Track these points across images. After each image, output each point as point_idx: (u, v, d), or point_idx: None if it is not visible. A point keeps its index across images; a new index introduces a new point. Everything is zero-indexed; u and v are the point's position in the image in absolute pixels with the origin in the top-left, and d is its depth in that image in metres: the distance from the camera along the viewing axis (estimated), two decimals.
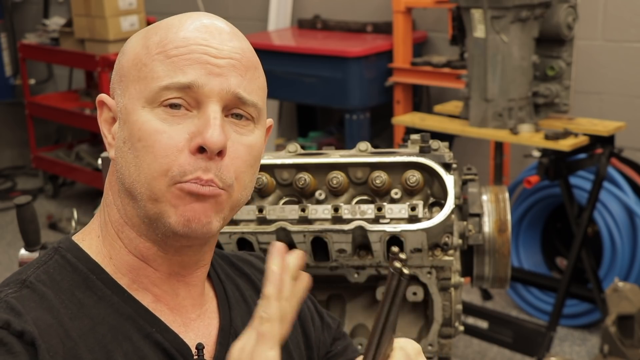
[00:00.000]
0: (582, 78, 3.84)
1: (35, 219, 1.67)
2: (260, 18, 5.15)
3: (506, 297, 4.04)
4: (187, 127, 1.02)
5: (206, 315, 1.14)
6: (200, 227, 1.03)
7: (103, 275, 1.06)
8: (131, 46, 1.09)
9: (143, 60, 1.05)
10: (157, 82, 1.02)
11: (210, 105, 1.02)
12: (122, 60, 1.09)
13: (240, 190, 1.06)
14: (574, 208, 3.41)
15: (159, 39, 1.05)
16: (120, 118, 1.06)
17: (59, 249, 1.08)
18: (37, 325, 0.96)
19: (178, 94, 1.02)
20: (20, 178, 6.00)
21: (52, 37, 5.27)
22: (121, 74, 1.08)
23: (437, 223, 1.42)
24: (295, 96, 4.57)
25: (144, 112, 1.03)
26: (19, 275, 1.04)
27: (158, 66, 1.03)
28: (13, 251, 4.60)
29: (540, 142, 3.15)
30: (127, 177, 1.04)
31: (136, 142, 1.02)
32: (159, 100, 1.02)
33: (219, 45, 1.04)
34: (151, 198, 1.03)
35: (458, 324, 1.58)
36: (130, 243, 1.07)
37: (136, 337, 1.04)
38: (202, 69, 1.02)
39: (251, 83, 1.07)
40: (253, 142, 1.07)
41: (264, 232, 1.46)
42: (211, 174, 1.02)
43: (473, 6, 3.12)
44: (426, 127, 3.34)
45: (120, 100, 1.07)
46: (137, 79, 1.04)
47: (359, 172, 1.51)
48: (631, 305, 3.03)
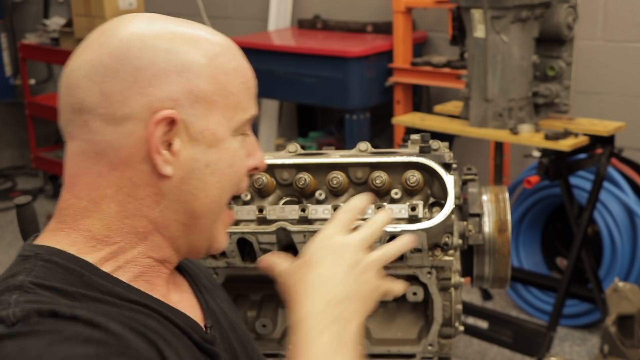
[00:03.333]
0: (582, 78, 3.84)
1: (36, 219, 1.66)
2: (260, 18, 5.15)
3: (506, 297, 4.04)
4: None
5: (184, 297, 1.18)
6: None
7: (97, 271, 1.03)
8: (199, 65, 1.04)
9: (228, 89, 1.07)
10: (246, 114, 1.10)
11: (250, 129, 1.13)
12: (190, 78, 1.03)
13: None
14: (574, 208, 3.41)
15: (234, 66, 1.09)
16: (200, 140, 1.05)
17: (38, 255, 1.02)
18: (81, 308, 0.95)
19: None
20: (20, 178, 6.01)
21: (52, 37, 5.27)
22: (195, 94, 1.03)
23: (437, 223, 1.42)
24: (295, 96, 4.57)
25: (233, 140, 1.09)
26: (7, 284, 0.97)
27: (244, 97, 1.10)
28: (13, 251, 4.60)
29: (540, 142, 3.15)
30: (204, 198, 1.07)
31: (226, 167, 1.08)
32: (241, 130, 1.10)
33: (252, 72, 1.14)
34: (212, 220, 1.11)
35: (458, 324, 1.58)
36: (134, 260, 1.07)
37: (150, 319, 1.04)
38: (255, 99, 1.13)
39: None
40: None
41: (264, 232, 1.46)
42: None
43: (473, 6, 3.12)
44: (426, 127, 3.34)
45: (198, 122, 1.04)
46: (226, 107, 1.07)
47: (359, 172, 1.51)
48: (631, 305, 3.04)
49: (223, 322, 1.22)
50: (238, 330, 1.27)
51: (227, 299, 1.35)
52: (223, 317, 1.23)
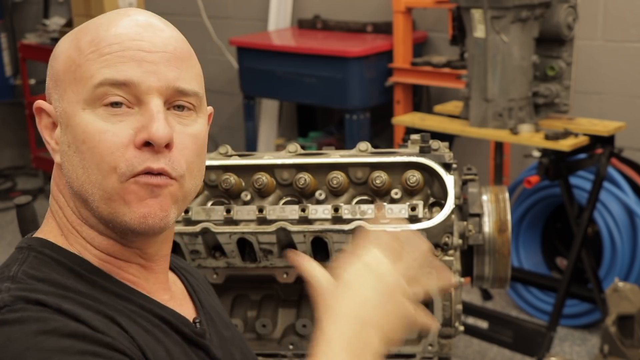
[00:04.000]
0: (582, 78, 3.84)
1: (36, 219, 1.66)
2: (260, 18, 5.14)
3: (506, 297, 4.04)
4: (130, 124, 1.02)
5: (176, 297, 1.18)
6: (158, 221, 1.03)
7: (86, 265, 1.06)
8: (62, 49, 1.08)
9: (77, 62, 1.04)
10: (92, 80, 1.02)
11: (151, 100, 1.02)
12: (54, 64, 1.08)
13: (191, 179, 1.07)
14: (574, 208, 3.41)
15: (90, 38, 1.04)
16: (62, 122, 1.06)
17: (31, 247, 1.07)
18: (68, 302, 0.95)
19: (116, 91, 1.02)
20: (21, 178, 6.00)
21: (52, 37, 5.27)
22: (56, 78, 1.07)
23: (437, 223, 1.42)
24: (295, 96, 4.57)
25: (85, 114, 1.02)
26: (1, 274, 1.01)
27: (92, 65, 1.03)
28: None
29: (540, 142, 3.15)
30: (75, 180, 1.04)
31: (81, 144, 1.02)
32: (97, 99, 1.02)
33: (151, 39, 1.04)
34: (104, 197, 1.03)
35: (458, 324, 1.58)
36: (93, 240, 1.07)
37: (139, 314, 1.05)
38: (137, 66, 1.02)
39: (188, 73, 1.07)
40: (197, 131, 1.08)
41: (264, 232, 1.46)
42: (161, 164, 1.02)
43: (473, 6, 3.12)
44: (426, 127, 3.34)
45: (59, 105, 1.06)
46: (73, 81, 1.04)
47: (359, 172, 1.51)
48: (631, 305, 3.03)
49: (217, 321, 1.22)
50: (233, 330, 1.27)
51: (219, 302, 1.35)
52: (217, 316, 1.24)
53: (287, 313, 1.63)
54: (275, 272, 1.56)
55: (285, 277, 1.57)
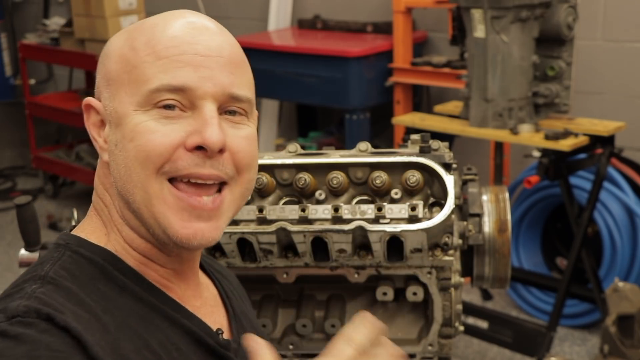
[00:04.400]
0: (582, 78, 3.84)
1: (36, 219, 1.67)
2: (260, 18, 5.14)
3: (506, 297, 4.04)
4: (183, 127, 1.01)
5: (207, 303, 1.17)
6: (206, 241, 1.04)
7: (120, 265, 1.06)
8: (115, 48, 1.07)
9: (132, 63, 1.03)
10: (148, 85, 1.01)
11: (206, 105, 1.02)
12: (107, 63, 1.07)
13: (246, 182, 1.07)
14: (574, 208, 3.41)
15: (146, 39, 1.04)
16: (111, 122, 1.05)
17: (68, 245, 1.06)
18: (78, 321, 0.95)
19: (171, 95, 1.01)
20: (21, 178, 6.00)
21: (52, 37, 5.28)
22: (108, 77, 1.06)
23: (437, 223, 1.42)
24: (295, 96, 4.57)
25: (137, 115, 1.02)
26: (35, 272, 1.02)
27: (149, 68, 1.02)
28: (13, 251, 4.60)
29: (540, 142, 3.15)
30: (119, 179, 1.04)
31: (128, 142, 1.01)
32: (152, 102, 1.01)
33: (207, 43, 1.03)
34: (145, 200, 1.02)
35: (458, 324, 1.58)
36: (133, 242, 1.08)
37: (164, 325, 1.04)
38: (194, 71, 1.02)
39: (242, 79, 1.07)
40: (250, 134, 1.08)
41: (264, 232, 1.46)
42: (212, 169, 1.02)
43: (473, 6, 3.12)
44: (426, 127, 3.34)
45: (109, 104, 1.05)
46: (128, 82, 1.03)
47: (359, 172, 1.51)
48: (631, 305, 3.04)
49: (248, 329, 1.22)
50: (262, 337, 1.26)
51: (250, 303, 1.35)
52: (248, 323, 1.24)
53: (287, 313, 1.63)
54: (275, 272, 1.56)
55: (285, 277, 1.57)
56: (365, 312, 0.97)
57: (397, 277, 1.57)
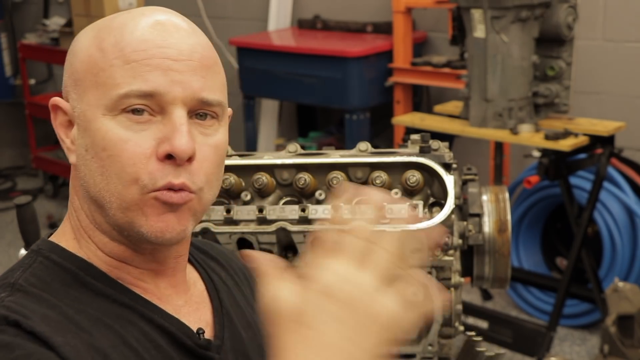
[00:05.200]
0: (582, 78, 3.84)
1: (35, 219, 1.67)
2: (260, 18, 5.14)
3: (506, 297, 4.04)
4: (152, 133, 0.99)
5: (192, 300, 1.15)
6: (175, 235, 1.02)
7: (92, 271, 1.04)
8: (83, 46, 1.04)
9: (99, 65, 1.01)
10: (117, 90, 0.99)
11: (175, 111, 1.00)
12: (74, 62, 1.05)
13: (210, 191, 1.05)
14: (574, 208, 3.41)
15: (115, 40, 1.01)
16: (79, 124, 1.03)
17: (40, 251, 1.05)
18: (47, 323, 0.94)
19: (140, 100, 0.99)
20: (20, 178, 6.00)
21: (52, 37, 5.27)
22: (75, 77, 1.04)
23: (437, 223, 1.42)
24: (295, 96, 4.57)
25: (106, 120, 0.99)
26: (5, 280, 1.01)
27: (117, 72, 0.99)
28: (13, 251, 4.60)
29: (540, 142, 3.15)
30: (93, 186, 1.02)
31: (100, 151, 1.00)
32: (120, 107, 0.99)
33: (178, 46, 1.01)
34: (122, 207, 1.01)
35: (458, 324, 1.58)
36: (105, 246, 1.06)
37: (141, 324, 1.03)
38: (163, 75, 0.99)
39: (213, 82, 1.04)
40: (219, 141, 1.05)
41: (264, 232, 1.46)
42: (182, 178, 1.00)
43: (473, 6, 3.12)
44: (426, 127, 3.34)
45: (77, 106, 1.03)
46: (95, 85, 1.01)
47: (359, 172, 1.51)
48: (631, 305, 3.03)
49: (238, 321, 1.19)
50: (255, 329, 1.22)
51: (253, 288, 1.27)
52: (239, 314, 1.20)
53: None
54: None
55: None
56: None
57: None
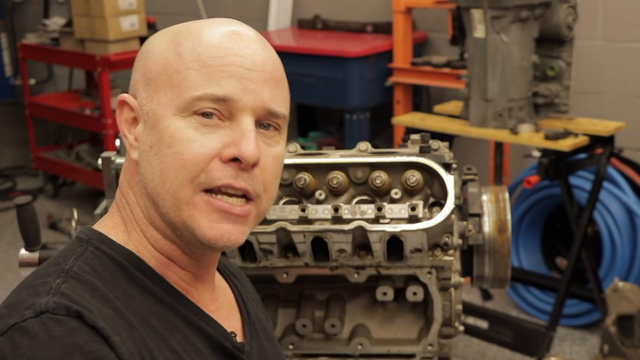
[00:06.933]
0: (582, 78, 3.84)
1: (36, 219, 1.67)
2: (260, 18, 5.15)
3: (506, 297, 4.04)
4: (220, 137, 1.03)
5: (223, 307, 1.18)
6: (231, 243, 1.05)
7: (141, 266, 1.06)
8: (158, 49, 1.07)
9: (175, 67, 1.04)
10: (192, 92, 1.02)
11: (244, 117, 1.03)
12: (148, 62, 1.07)
13: (268, 201, 1.09)
14: (574, 208, 3.42)
15: (192, 45, 1.04)
16: (147, 122, 1.05)
17: (90, 240, 1.07)
18: (104, 319, 0.95)
19: (212, 104, 1.02)
20: (21, 178, 6.01)
21: (52, 37, 5.27)
22: (148, 77, 1.06)
23: (437, 223, 1.42)
24: (295, 96, 4.51)
25: (176, 120, 1.02)
26: (58, 265, 1.02)
27: (193, 75, 1.03)
28: (13, 251, 4.60)
29: (540, 142, 3.15)
30: (151, 182, 1.04)
31: (165, 148, 1.02)
32: (192, 109, 1.02)
33: (252, 57, 1.05)
34: (174, 205, 1.03)
35: (458, 324, 1.58)
36: (156, 243, 1.08)
37: (182, 326, 1.05)
38: (237, 83, 1.03)
39: (281, 95, 1.09)
40: (279, 153, 1.10)
41: (264, 232, 1.46)
42: (244, 183, 1.03)
43: (473, 6, 3.12)
44: (426, 127, 3.34)
45: (147, 104, 1.06)
46: (169, 86, 1.03)
47: (359, 172, 1.51)
48: (631, 305, 3.04)
49: (261, 333, 1.23)
50: (274, 343, 1.28)
51: (265, 313, 1.36)
52: (261, 327, 1.25)
53: (287, 313, 1.63)
54: (275, 272, 1.56)
55: (285, 277, 1.57)
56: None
57: (397, 277, 1.57)
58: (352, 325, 1.62)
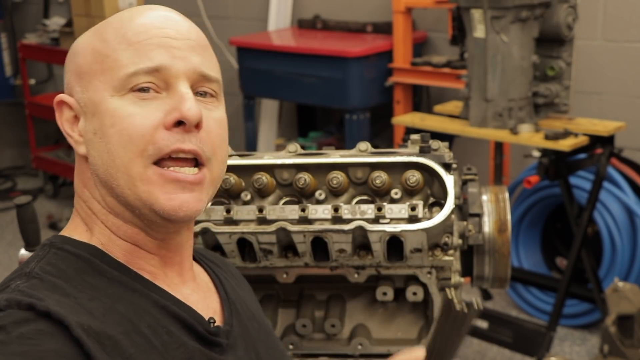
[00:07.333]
0: (582, 78, 3.84)
1: (36, 219, 1.67)
2: (260, 18, 5.14)
3: (506, 297, 4.04)
4: (160, 107, 1.04)
5: (200, 289, 1.18)
6: (191, 212, 1.06)
7: (106, 258, 1.07)
8: (84, 45, 1.10)
9: (103, 53, 1.06)
10: (125, 70, 1.04)
11: (179, 84, 1.06)
12: (76, 60, 1.10)
13: (218, 164, 1.10)
14: (574, 208, 3.41)
15: (115, 29, 1.07)
16: (87, 112, 1.07)
17: (53, 243, 1.08)
18: (61, 306, 0.96)
19: (147, 77, 1.04)
20: (21, 178, 6.00)
21: (52, 37, 5.27)
22: (80, 72, 1.09)
23: (437, 223, 1.42)
24: (295, 96, 4.57)
25: (114, 100, 1.04)
26: (21, 270, 1.04)
27: (122, 54, 1.05)
28: (13, 251, 4.60)
29: (540, 142, 3.15)
30: (101, 166, 1.05)
31: (109, 128, 1.04)
32: (127, 86, 1.04)
33: (175, 27, 1.08)
34: (129, 183, 1.04)
35: None
36: (119, 230, 1.09)
37: (154, 310, 1.06)
38: (165, 52, 1.06)
39: (210, 60, 1.11)
40: (221, 117, 1.12)
41: (264, 232, 1.46)
42: (192, 145, 1.05)
43: (473, 6, 3.12)
44: (426, 127, 3.34)
45: (83, 96, 1.08)
46: (101, 71, 1.06)
47: (359, 172, 1.51)
48: (631, 305, 3.03)
49: (243, 313, 1.23)
50: (260, 322, 1.27)
51: (252, 293, 1.36)
52: (243, 307, 1.24)
53: (287, 313, 1.63)
54: (275, 272, 1.56)
55: (285, 277, 1.57)
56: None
57: (397, 277, 1.57)
58: (352, 325, 1.62)
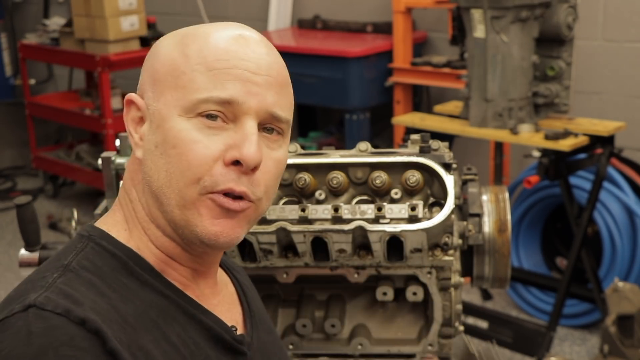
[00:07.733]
0: (582, 78, 3.84)
1: (36, 219, 1.67)
2: (260, 18, 5.15)
3: (506, 297, 4.04)
4: (223, 139, 1.04)
5: (225, 301, 1.21)
6: (228, 241, 1.07)
7: (141, 262, 1.08)
8: (166, 51, 1.09)
9: (181, 69, 1.06)
10: (197, 94, 1.04)
11: (247, 120, 1.05)
12: (155, 63, 1.09)
13: (267, 201, 1.10)
14: (574, 208, 3.42)
15: (199, 47, 1.06)
16: (153, 121, 1.07)
17: (91, 237, 1.09)
18: (97, 312, 0.96)
19: (217, 107, 1.04)
20: (21, 178, 6.01)
21: (52, 37, 5.27)
22: (155, 77, 1.08)
23: (437, 223, 1.42)
24: (295, 96, 4.50)
25: (181, 121, 1.04)
26: (57, 261, 1.04)
27: (198, 77, 1.04)
28: (13, 251, 4.60)
29: (540, 142, 3.15)
30: (156, 181, 1.06)
31: (170, 148, 1.04)
32: (196, 110, 1.04)
33: (257, 61, 1.07)
34: (180, 204, 1.05)
35: (458, 324, 1.58)
36: (157, 240, 1.10)
37: (183, 320, 1.07)
38: (242, 86, 1.05)
39: (285, 100, 1.11)
40: (281, 157, 1.11)
41: (264, 232, 1.46)
42: (244, 187, 1.05)
43: (473, 6, 3.12)
44: (426, 127, 3.34)
45: (153, 104, 1.07)
46: (175, 87, 1.05)
47: (359, 172, 1.51)
48: (631, 305, 3.04)
49: (262, 325, 1.25)
50: (274, 335, 1.31)
51: (259, 298, 1.38)
52: (262, 319, 1.27)
53: (287, 313, 1.63)
54: (275, 272, 1.56)
55: (285, 277, 1.57)
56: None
57: (397, 277, 1.57)
58: (352, 325, 1.62)
